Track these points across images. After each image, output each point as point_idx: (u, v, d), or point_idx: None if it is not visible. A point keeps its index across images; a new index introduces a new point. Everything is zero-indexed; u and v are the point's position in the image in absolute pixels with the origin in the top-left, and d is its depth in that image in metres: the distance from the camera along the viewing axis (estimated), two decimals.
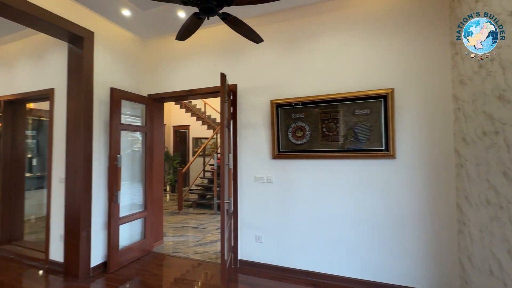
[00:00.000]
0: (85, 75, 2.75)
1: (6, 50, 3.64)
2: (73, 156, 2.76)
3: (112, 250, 2.82)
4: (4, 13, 2.32)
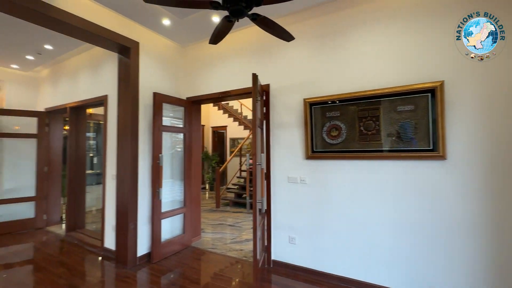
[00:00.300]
0: (132, 82, 3.03)
1: (70, 64, 4.21)
2: (122, 155, 3.07)
3: (155, 242, 3.06)
4: (66, 30, 2.68)
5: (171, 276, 2.78)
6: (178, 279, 2.72)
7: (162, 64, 3.47)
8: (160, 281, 2.69)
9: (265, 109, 2.99)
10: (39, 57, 4.02)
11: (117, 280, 2.69)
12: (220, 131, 9.11)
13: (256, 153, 2.43)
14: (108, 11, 2.82)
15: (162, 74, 3.46)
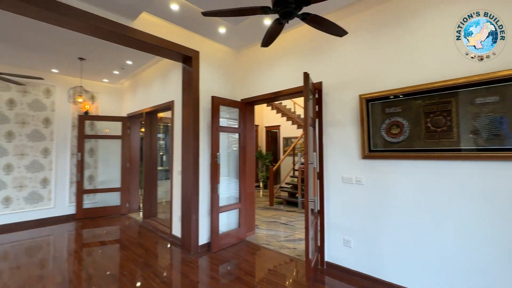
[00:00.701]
0: (193, 87, 3.37)
1: (144, 76, 4.90)
2: (186, 153, 3.44)
3: (214, 233, 3.33)
4: (142, 47, 3.15)
5: (228, 266, 3.00)
6: (234, 269, 2.92)
7: (219, 69, 3.75)
8: (218, 269, 2.93)
9: (318, 107, 2.94)
10: (122, 71, 4.80)
11: (183, 264, 3.04)
12: (273, 130, 9.25)
13: (308, 152, 2.42)
14: (173, 26, 3.20)
15: (218, 78, 3.74)
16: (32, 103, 4.69)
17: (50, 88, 4.88)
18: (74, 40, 3.45)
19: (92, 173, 5.34)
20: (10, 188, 4.43)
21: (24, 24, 2.99)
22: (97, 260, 3.20)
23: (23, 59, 4.16)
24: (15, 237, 4.02)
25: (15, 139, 4.51)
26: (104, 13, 2.61)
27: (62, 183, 4.95)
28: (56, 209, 4.87)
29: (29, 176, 4.62)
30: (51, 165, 4.86)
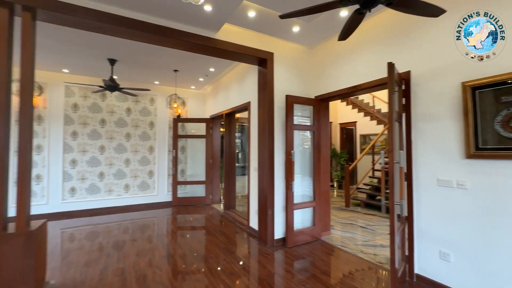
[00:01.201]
0: (268, 88, 3.52)
1: (224, 80, 5.39)
2: (262, 151, 3.63)
3: (289, 229, 3.41)
4: (223, 55, 3.49)
5: (303, 263, 3.02)
6: (309, 266, 2.92)
7: (292, 68, 3.79)
8: (293, 264, 3.00)
9: (404, 100, 2.62)
10: (206, 78, 5.43)
11: (259, 255, 3.24)
12: (349, 127, 8.67)
13: (393, 150, 2.20)
14: (249, 32, 3.42)
15: (292, 77, 3.78)
16: (141, 110, 5.83)
17: (153, 97, 5.96)
18: (170, 55, 4.12)
19: (183, 167, 6.25)
20: (128, 177, 5.65)
21: (136, 48, 3.76)
22: (189, 241, 3.74)
23: (135, 75, 5.21)
24: (131, 216, 5.11)
25: (131, 139, 5.71)
26: (193, 29, 3.03)
27: (162, 175, 5.98)
28: (158, 196, 5.92)
29: (140, 168, 5.78)
30: (155, 160, 5.93)
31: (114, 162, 5.52)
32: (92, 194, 5.29)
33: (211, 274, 2.71)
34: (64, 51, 3.90)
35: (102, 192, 5.39)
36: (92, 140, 5.33)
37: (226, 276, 2.67)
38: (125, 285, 2.47)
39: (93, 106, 5.35)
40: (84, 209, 5.17)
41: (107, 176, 5.44)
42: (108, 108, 5.50)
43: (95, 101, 5.38)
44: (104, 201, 5.38)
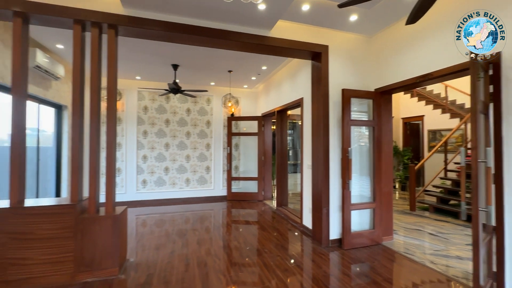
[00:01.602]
0: (323, 82, 3.39)
1: (275, 78, 5.40)
2: (316, 148, 3.53)
3: (346, 230, 3.24)
4: (275, 52, 3.50)
5: (362, 267, 2.84)
6: (369, 272, 2.73)
7: (349, 60, 3.57)
8: (350, 267, 2.84)
9: (492, 87, 2.20)
10: (258, 76, 5.52)
11: (314, 254, 3.16)
12: (414, 122, 7.76)
13: (477, 147, 1.88)
14: (302, 26, 3.34)
15: (348, 69, 3.56)
16: (199, 110, 6.29)
17: (209, 97, 6.36)
18: (225, 57, 4.32)
19: (237, 164, 6.52)
20: (188, 172, 6.18)
21: (195, 52, 4.05)
22: (244, 234, 3.89)
23: (194, 78, 5.63)
24: (191, 207, 5.57)
25: (190, 137, 6.21)
26: (247, 29, 3.10)
27: (218, 171, 6.35)
28: (214, 191, 6.32)
29: (198, 164, 6.25)
30: (211, 156, 6.34)
31: (176, 158, 6.10)
32: (159, 186, 5.96)
33: (266, 268, 2.77)
34: (136, 61, 4.47)
35: (167, 185, 6.01)
36: (159, 138, 5.99)
37: (280, 271, 2.69)
38: (188, 270, 2.72)
39: (159, 108, 6.00)
40: (153, 199, 5.86)
41: (171, 171, 6.05)
42: (172, 109, 6.09)
43: (161, 103, 6.02)
44: (168, 193, 6.00)
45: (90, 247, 2.48)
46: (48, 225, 2.37)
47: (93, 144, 2.62)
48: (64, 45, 3.93)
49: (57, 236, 2.39)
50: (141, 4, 2.60)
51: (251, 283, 2.48)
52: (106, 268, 2.51)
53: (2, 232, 2.26)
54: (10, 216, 2.29)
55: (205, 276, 2.58)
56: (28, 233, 2.33)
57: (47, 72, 3.87)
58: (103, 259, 2.51)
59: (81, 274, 2.45)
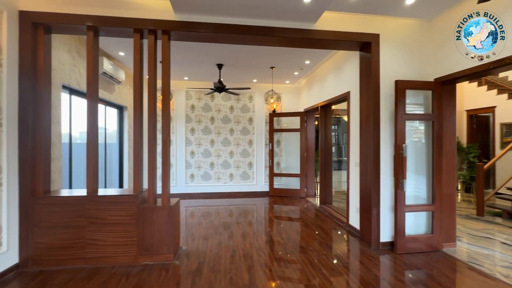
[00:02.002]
0: (373, 74, 3.16)
1: (318, 72, 5.22)
2: (364, 144, 3.33)
3: (399, 233, 3.01)
4: (320, 45, 3.38)
5: (417, 273, 2.61)
6: (427, 279, 2.49)
7: (403, 48, 3.26)
8: (404, 272, 2.63)
9: None
10: (301, 71, 5.41)
11: (362, 255, 3.01)
12: (482, 114, 6.76)
13: None
14: (350, 15, 3.14)
15: (403, 59, 3.25)
16: (242, 107, 6.44)
17: (252, 94, 6.46)
18: (268, 54, 4.32)
19: (278, 160, 6.52)
20: (232, 167, 6.40)
21: (238, 51, 4.14)
22: (287, 230, 3.90)
23: (237, 76, 5.77)
24: (235, 201, 5.77)
25: (234, 133, 6.41)
26: (291, 24, 3.04)
27: (260, 167, 6.45)
28: (256, 186, 6.44)
29: (241, 160, 6.43)
30: (253, 152, 6.46)
31: (221, 153, 6.37)
32: (205, 180, 6.31)
33: (311, 266, 2.74)
34: (184, 62, 4.75)
35: (212, 179, 6.33)
36: (205, 135, 6.32)
37: (326, 270, 2.63)
38: (234, 261, 2.83)
39: (205, 106, 6.32)
40: (200, 192, 6.23)
41: (216, 166, 6.34)
42: (216, 107, 6.35)
43: (206, 102, 6.32)
44: (214, 187, 6.31)
45: (149, 233, 2.76)
46: (116, 212, 2.71)
47: (150, 141, 2.89)
48: (125, 53, 4.39)
49: (123, 222, 2.72)
50: (191, 9, 2.75)
51: (296, 279, 2.48)
52: (162, 254, 2.77)
53: (82, 216, 2.66)
54: (88, 203, 2.68)
55: (251, 268, 2.67)
56: (101, 218, 2.69)
57: (111, 77, 4.38)
58: (160, 245, 2.77)
59: (142, 257, 2.74)
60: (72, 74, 3.57)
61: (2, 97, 2.41)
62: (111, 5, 2.72)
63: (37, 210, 2.62)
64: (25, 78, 2.60)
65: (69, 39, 3.52)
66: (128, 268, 2.64)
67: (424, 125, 3.25)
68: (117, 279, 2.42)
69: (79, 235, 2.66)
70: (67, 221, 2.65)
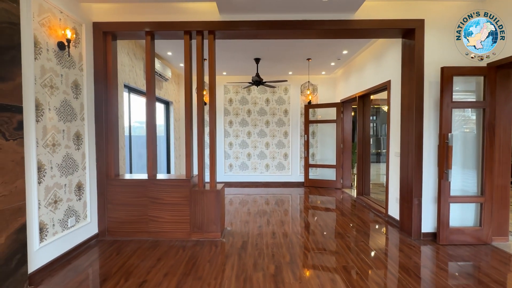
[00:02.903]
0: (417, 62, 3.08)
1: (356, 61, 5.12)
2: (406, 134, 3.28)
3: (442, 224, 2.95)
4: (358, 35, 3.36)
5: (462, 264, 2.58)
6: (473, 270, 2.46)
7: (450, 32, 3.06)
8: (447, 262, 2.61)
9: None
10: (338, 62, 5.35)
11: (402, 244, 3.03)
12: None
13: None
14: (389, 2, 3.07)
15: (450, 44, 3.08)
16: (277, 99, 6.59)
17: (287, 86, 6.57)
18: (304, 46, 4.39)
19: (314, 151, 6.58)
20: (268, 158, 6.64)
21: (275, 45, 4.28)
22: (324, 218, 4.02)
23: (274, 70, 5.91)
24: (271, 191, 6.00)
25: (269, 125, 6.62)
26: (330, 15, 3.08)
27: (295, 158, 6.58)
28: (292, 176, 6.60)
29: (277, 151, 6.62)
30: (289, 144, 6.60)
31: (257, 145, 6.63)
32: (242, 170, 6.65)
33: (350, 251, 2.85)
34: (223, 58, 5.03)
35: (249, 169, 6.64)
36: (242, 127, 6.62)
37: (365, 256, 2.73)
38: (275, 241, 3.07)
39: (242, 100, 6.60)
40: (237, 181, 6.60)
41: (252, 157, 6.63)
42: (252, 100, 6.60)
43: (243, 95, 6.60)
44: (250, 176, 6.63)
45: (199, 213, 3.12)
46: (172, 194, 3.11)
47: (199, 133, 3.22)
48: (172, 52, 4.82)
49: (178, 203, 3.11)
50: (234, 8, 2.96)
51: (334, 261, 2.63)
52: (211, 232, 3.12)
53: (145, 196, 3.12)
54: (149, 185, 3.12)
55: (290, 248, 2.88)
56: (160, 199, 3.12)
57: (161, 75, 4.85)
58: (209, 224, 3.12)
59: (194, 233, 3.12)
60: (131, 74, 4.07)
61: (84, 96, 2.91)
62: (165, 11, 3.06)
63: (110, 190, 3.14)
64: (98, 80, 3.09)
65: (128, 43, 4.01)
66: (183, 242, 3.04)
67: (476, 114, 3.08)
68: (175, 250, 2.83)
69: (143, 212, 3.12)
70: (134, 200, 3.12)
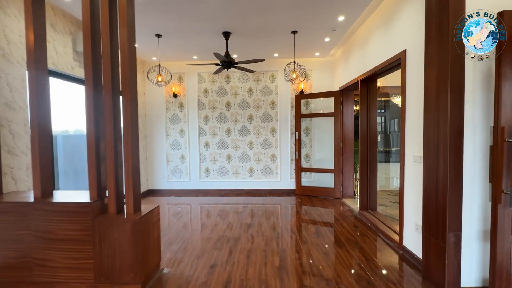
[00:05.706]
0: (453, 9, 1.88)
1: (359, 34, 3.92)
2: (432, 130, 2.10)
3: (499, 275, 1.78)
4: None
5: None
6: None
7: None
8: None
9: None
10: (334, 35, 4.14)
11: None
12: None
13: None
14: None
15: None
16: (262, 89, 5.42)
17: (274, 73, 5.39)
18: (286, 10, 3.23)
19: (308, 152, 5.41)
20: (252, 161, 5.50)
21: (248, 11, 3.13)
22: (312, 250, 2.85)
23: (253, 49, 4.69)
24: (254, 201, 4.87)
25: (253, 121, 5.46)
26: None
27: (285, 160, 5.42)
28: (281, 183, 5.45)
29: (263, 152, 5.48)
30: (277, 143, 5.44)
31: (239, 145, 5.50)
32: (221, 175, 5.53)
33: None
34: (191, 32, 3.87)
35: (229, 174, 5.52)
36: (220, 123, 5.49)
37: None
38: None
39: (219, 90, 5.46)
40: (215, 189, 5.49)
41: (233, 159, 5.50)
42: (232, 90, 5.45)
43: (221, 85, 5.45)
44: (231, 183, 5.51)
45: (109, 254, 2.02)
46: (66, 225, 2.02)
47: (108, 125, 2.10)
48: None
49: (75, 238, 2.02)
50: None
51: None
52: (126, 283, 2.02)
53: (26, 228, 2.02)
54: (31, 212, 2.03)
55: None
56: (49, 232, 2.02)
57: None
58: (122, 272, 2.02)
59: (101, 285, 2.03)
60: None
61: None
62: None
63: None
64: None
65: None
66: None
67: None
68: None
69: (24, 253, 2.04)
70: (9, 234, 2.04)
